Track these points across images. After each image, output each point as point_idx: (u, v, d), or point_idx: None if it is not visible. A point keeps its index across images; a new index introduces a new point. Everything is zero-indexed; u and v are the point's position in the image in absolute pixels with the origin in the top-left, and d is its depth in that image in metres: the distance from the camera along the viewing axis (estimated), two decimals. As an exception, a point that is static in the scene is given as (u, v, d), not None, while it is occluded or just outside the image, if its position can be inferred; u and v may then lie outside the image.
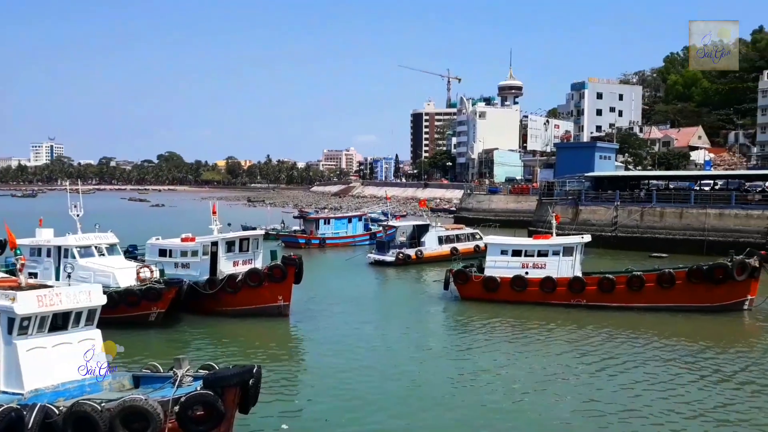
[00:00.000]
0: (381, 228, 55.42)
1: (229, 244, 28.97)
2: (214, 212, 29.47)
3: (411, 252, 44.54)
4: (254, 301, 27.17)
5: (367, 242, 55.77)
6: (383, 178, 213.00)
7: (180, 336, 24.90)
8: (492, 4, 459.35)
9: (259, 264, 29.23)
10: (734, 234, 45.97)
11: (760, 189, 54.33)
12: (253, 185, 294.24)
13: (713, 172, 76.39)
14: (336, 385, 18.49)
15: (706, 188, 57.86)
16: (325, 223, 57.58)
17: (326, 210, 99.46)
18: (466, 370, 20.10)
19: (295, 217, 72.58)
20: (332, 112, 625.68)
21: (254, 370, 12.88)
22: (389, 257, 44.12)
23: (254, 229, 44.02)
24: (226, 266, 28.42)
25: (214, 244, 28.57)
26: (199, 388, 12.22)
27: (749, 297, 28.03)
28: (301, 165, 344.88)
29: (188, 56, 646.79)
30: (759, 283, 28.25)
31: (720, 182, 60.25)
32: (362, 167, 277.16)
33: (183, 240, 29.54)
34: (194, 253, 28.70)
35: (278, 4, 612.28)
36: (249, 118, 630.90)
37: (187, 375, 12.99)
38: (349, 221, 59.28)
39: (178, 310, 26.84)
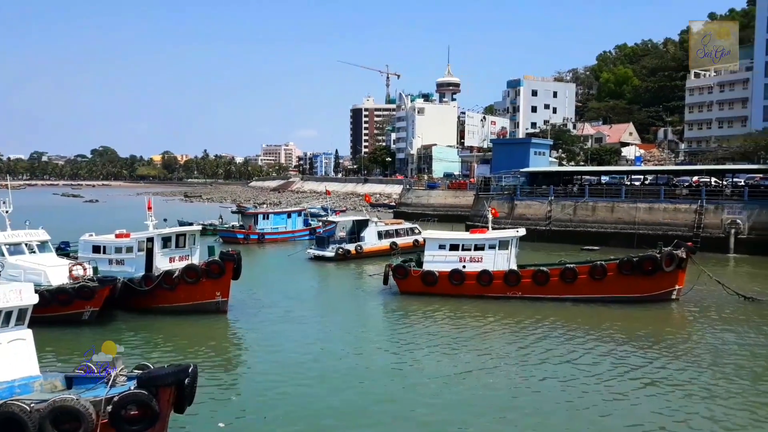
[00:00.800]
0: (321, 223, 55.34)
1: (165, 240, 28.39)
2: (149, 208, 28.86)
3: (351, 247, 44.65)
4: (191, 298, 26.74)
5: (307, 237, 55.53)
6: (323, 173, 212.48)
7: (115, 335, 24.07)
8: (430, 2, 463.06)
9: (196, 260, 28.79)
10: (663, 227, 47.98)
11: (687, 184, 56.75)
12: (190, 180, 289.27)
13: (643, 167, 79.30)
14: (275, 382, 18.37)
15: (637, 183, 60.01)
16: (263, 219, 57.00)
17: (265, 205, 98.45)
18: (406, 364, 20.35)
19: (233, 213, 71.75)
20: (271, 107, 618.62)
21: (190, 369, 12.69)
22: (329, 252, 44.11)
23: (191, 224, 43.40)
24: (162, 262, 27.86)
25: (150, 240, 28.02)
26: (133, 388, 11.97)
27: (677, 287, 29.32)
28: (239, 160, 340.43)
29: (123, 48, 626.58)
30: (686, 274, 29.61)
31: (650, 177, 62.64)
32: (302, 162, 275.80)
33: (117, 236, 28.80)
34: (129, 250, 28.09)
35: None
36: (186, 112, 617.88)
37: (120, 375, 12.70)
38: (289, 216, 58.83)
39: (113, 308, 26.21)
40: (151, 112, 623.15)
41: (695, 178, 59.86)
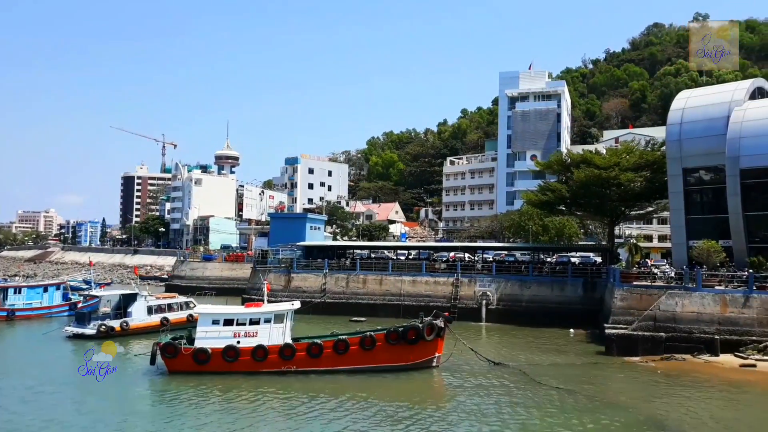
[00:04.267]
0: (82, 298, 50.66)
1: None
2: None
3: (115, 323, 41.26)
4: None
5: (67, 314, 50.36)
6: (88, 243, 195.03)
7: None
8: (209, 76, 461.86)
9: None
10: (425, 298, 51.86)
11: (445, 259, 62.31)
12: None
13: (408, 243, 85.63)
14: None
15: (402, 258, 64.38)
16: (15, 293, 50.66)
17: (17, 278, 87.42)
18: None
19: (-25, 287, 62.30)
20: (30, 170, 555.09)
21: None
22: (90, 330, 40.30)
23: None
24: None
25: None
26: None
27: (437, 354, 31.67)
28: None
29: None
30: (444, 342, 32.14)
31: (413, 252, 67.64)
32: (63, 231, 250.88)
33: None
34: None
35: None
36: None
37: None
38: (45, 290, 52.88)
39: None
40: None
41: (452, 254, 65.98)
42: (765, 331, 32.59)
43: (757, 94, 44.16)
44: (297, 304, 32.79)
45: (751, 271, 34.94)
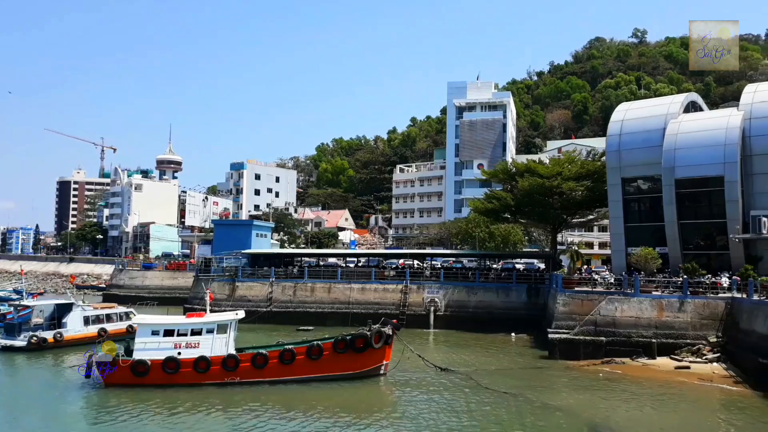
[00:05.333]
0: (12, 308, 48.43)
1: None
2: None
3: (48, 335, 39.50)
4: None
5: (-5, 326, 47.96)
6: (19, 251, 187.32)
7: None
8: (151, 79, 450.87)
9: None
10: (374, 306, 51.64)
11: (394, 266, 62.24)
12: None
13: (357, 250, 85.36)
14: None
15: (351, 265, 64.00)
16: (-63, 305, 47.98)
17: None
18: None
19: None
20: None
21: None
22: (20, 342, 38.53)
23: None
24: None
25: None
26: None
27: (385, 362, 31.49)
28: None
29: None
30: (392, 349, 32.01)
31: (363, 260, 67.41)
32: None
33: None
34: None
35: None
36: None
37: None
38: (-29, 302, 50.41)
39: None
40: None
41: (401, 261, 66.07)
42: (698, 334, 33.82)
43: (691, 107, 45.97)
44: (241, 314, 32.08)
45: (685, 276, 36.21)
